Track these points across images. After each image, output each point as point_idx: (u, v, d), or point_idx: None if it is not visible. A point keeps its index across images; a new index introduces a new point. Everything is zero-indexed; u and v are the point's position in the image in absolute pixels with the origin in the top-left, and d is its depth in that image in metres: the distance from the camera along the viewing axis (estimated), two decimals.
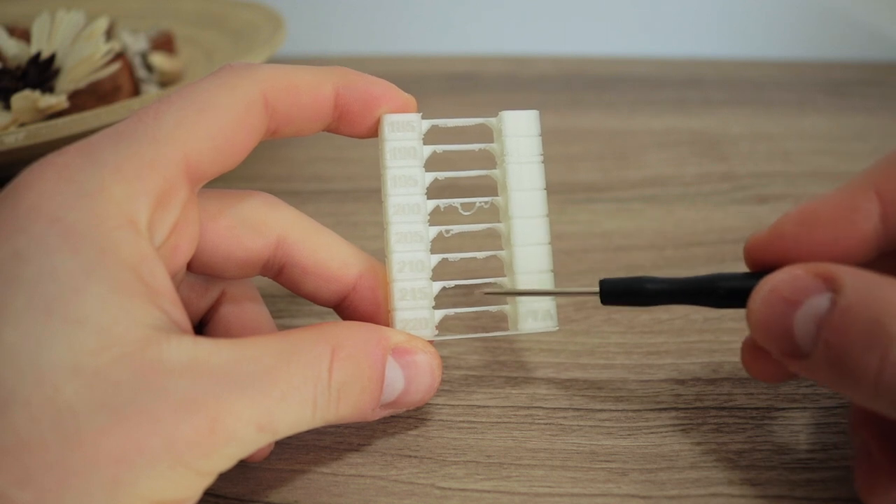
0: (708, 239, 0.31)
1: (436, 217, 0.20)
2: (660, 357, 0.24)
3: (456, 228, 0.21)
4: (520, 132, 0.21)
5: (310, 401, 0.16)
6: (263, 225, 0.20)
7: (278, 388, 0.16)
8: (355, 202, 0.34)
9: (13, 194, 0.15)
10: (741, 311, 0.26)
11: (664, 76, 0.50)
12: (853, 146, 0.39)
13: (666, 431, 0.21)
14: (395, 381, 0.18)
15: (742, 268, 0.28)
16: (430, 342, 0.20)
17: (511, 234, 0.20)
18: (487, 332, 0.23)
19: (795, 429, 0.21)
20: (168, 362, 0.15)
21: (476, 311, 0.21)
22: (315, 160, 0.38)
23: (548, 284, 0.20)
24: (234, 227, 0.19)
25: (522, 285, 0.20)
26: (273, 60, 0.43)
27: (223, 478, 0.19)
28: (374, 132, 0.20)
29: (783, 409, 0.22)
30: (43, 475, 0.13)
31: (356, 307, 0.21)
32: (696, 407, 0.22)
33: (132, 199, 0.16)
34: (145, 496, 0.14)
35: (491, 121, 0.21)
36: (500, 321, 0.21)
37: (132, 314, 0.15)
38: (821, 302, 0.16)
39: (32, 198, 0.15)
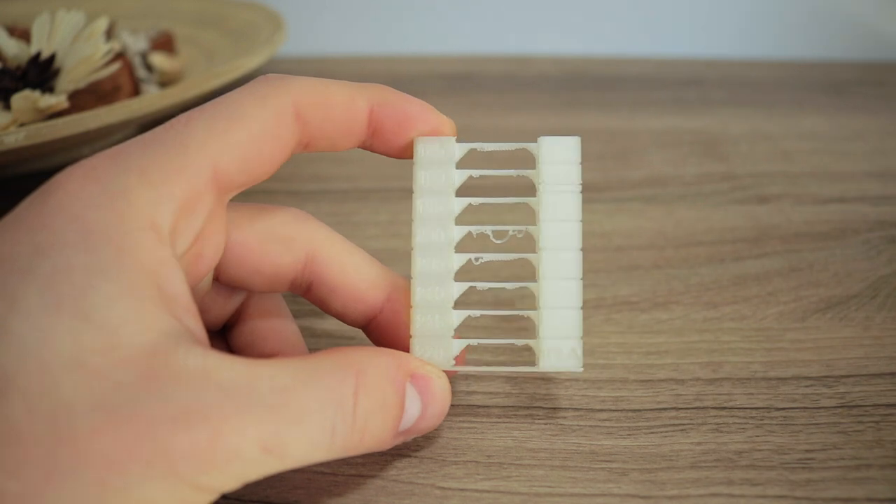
0: (708, 239, 0.31)
1: (467, 242, 0.20)
2: (660, 357, 0.24)
3: (486, 257, 0.20)
4: (558, 159, 0.20)
5: (328, 427, 0.16)
6: (293, 241, 0.19)
7: (291, 409, 0.15)
8: (356, 202, 0.34)
9: (43, 194, 0.16)
10: (741, 311, 0.26)
11: (664, 76, 0.50)
12: (853, 146, 0.39)
13: (666, 431, 0.21)
14: (413, 409, 0.18)
15: (742, 267, 0.28)
16: (448, 373, 0.19)
17: (541, 267, 0.19)
18: (508, 366, 0.22)
19: (795, 429, 0.21)
20: (174, 369, 0.14)
21: (498, 344, 0.20)
22: (315, 160, 0.38)
23: (576, 322, 0.19)
24: (264, 242, 0.19)
25: (548, 320, 0.19)
26: (273, 60, 0.43)
27: None
28: (408, 153, 0.20)
29: (783, 409, 0.22)
30: (32, 467, 0.13)
31: (383, 330, 0.20)
32: (696, 407, 0.22)
33: (156, 204, 0.16)
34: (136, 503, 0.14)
35: (531, 146, 0.20)
36: (524, 353, 0.20)
37: (143, 318, 0.15)
38: None
39: (59, 196, 0.15)
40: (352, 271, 0.20)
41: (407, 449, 0.20)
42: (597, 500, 0.19)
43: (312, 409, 0.15)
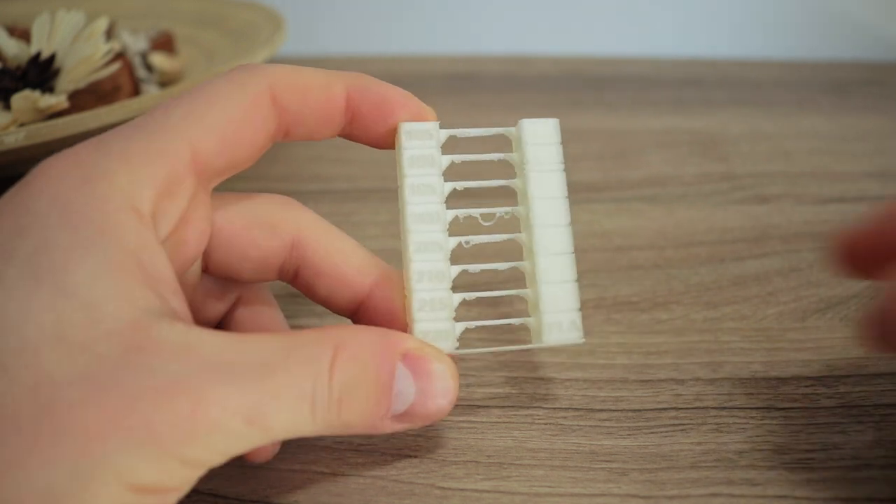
0: (708, 239, 0.31)
1: (454, 227, 0.20)
2: (660, 357, 0.24)
3: (475, 239, 0.20)
4: (540, 140, 0.20)
5: (307, 399, 0.15)
6: (278, 225, 0.20)
7: (272, 381, 0.15)
8: (356, 202, 0.34)
9: (26, 180, 0.16)
10: (741, 311, 0.26)
11: (664, 76, 0.50)
12: (853, 146, 0.39)
13: (666, 431, 0.21)
14: (406, 390, 0.17)
15: (742, 267, 0.28)
16: (451, 356, 0.19)
17: (533, 244, 0.20)
18: (509, 345, 0.23)
19: (795, 429, 0.21)
20: (157, 343, 0.14)
21: (497, 325, 0.20)
22: (316, 160, 0.38)
23: (572, 295, 0.19)
24: (250, 227, 0.19)
25: (545, 296, 0.19)
26: (273, 60, 0.43)
27: (223, 477, 0.19)
28: (390, 142, 0.20)
29: (783, 409, 0.22)
30: (11, 438, 0.13)
31: (371, 316, 0.20)
32: (696, 407, 0.22)
33: (136, 186, 0.16)
34: (120, 476, 0.14)
35: (510, 130, 0.20)
36: (522, 333, 0.20)
37: (126, 295, 0.15)
38: None
39: (41, 181, 0.16)
40: (337, 256, 0.20)
41: (407, 449, 0.20)
42: (597, 500, 0.19)
43: (292, 381, 0.15)
